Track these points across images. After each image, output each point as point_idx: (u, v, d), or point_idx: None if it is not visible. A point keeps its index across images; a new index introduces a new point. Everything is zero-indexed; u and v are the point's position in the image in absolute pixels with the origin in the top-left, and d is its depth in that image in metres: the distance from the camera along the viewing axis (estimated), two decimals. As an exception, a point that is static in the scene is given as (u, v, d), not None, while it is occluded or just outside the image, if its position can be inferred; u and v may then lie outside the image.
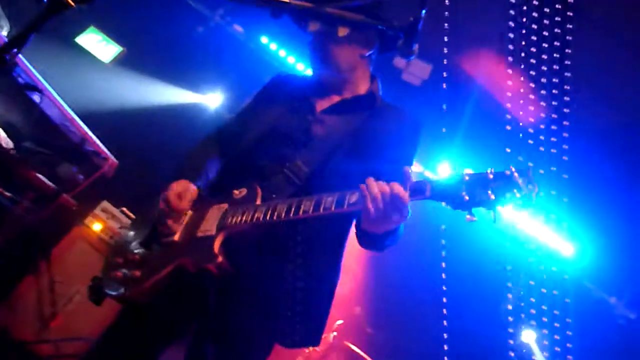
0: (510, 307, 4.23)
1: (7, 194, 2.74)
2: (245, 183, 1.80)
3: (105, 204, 4.05)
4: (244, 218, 1.68)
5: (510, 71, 4.13)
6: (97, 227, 3.97)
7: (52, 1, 1.25)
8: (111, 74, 5.08)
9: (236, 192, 1.78)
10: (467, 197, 1.42)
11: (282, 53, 5.27)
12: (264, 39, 5.25)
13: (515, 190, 1.39)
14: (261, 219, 1.65)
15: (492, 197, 1.40)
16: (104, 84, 4.89)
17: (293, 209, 1.61)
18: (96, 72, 4.99)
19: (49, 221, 3.29)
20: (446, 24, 3.91)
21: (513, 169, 1.40)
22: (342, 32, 1.92)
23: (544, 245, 4.75)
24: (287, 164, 1.84)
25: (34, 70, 2.36)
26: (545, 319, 4.31)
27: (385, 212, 1.50)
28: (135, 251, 1.81)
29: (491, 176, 1.42)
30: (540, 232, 4.75)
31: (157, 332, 1.74)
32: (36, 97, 2.45)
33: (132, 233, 1.95)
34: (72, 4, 1.26)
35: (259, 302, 1.70)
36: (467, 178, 1.44)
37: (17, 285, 3.46)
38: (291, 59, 5.29)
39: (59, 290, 3.66)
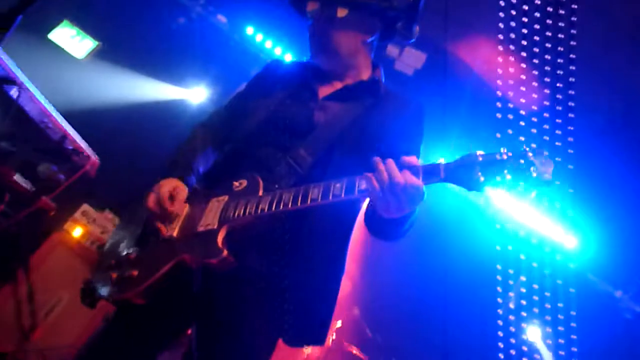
0: (512, 305, 4.29)
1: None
2: (245, 174, 1.80)
3: (85, 207, 4.05)
4: (247, 210, 1.68)
5: (511, 58, 4.20)
6: (77, 232, 3.96)
7: None
8: (88, 70, 5.06)
9: (236, 183, 1.78)
10: (482, 178, 1.45)
11: (268, 44, 5.28)
12: (249, 30, 5.26)
13: (532, 169, 1.42)
14: (266, 209, 1.65)
15: (509, 176, 1.43)
16: (81, 81, 4.88)
17: (300, 197, 1.61)
18: (71, 69, 4.97)
19: (27, 226, 3.27)
20: (444, 8, 3.96)
21: (527, 149, 1.44)
22: (342, 12, 1.94)
23: (547, 238, 4.82)
24: (289, 152, 1.85)
25: (10, 63, 2.37)
26: (548, 317, 4.38)
27: (399, 199, 1.51)
28: (131, 250, 1.82)
29: (505, 156, 1.44)
30: (542, 224, 4.82)
31: (152, 335, 1.73)
32: (14, 92, 2.45)
33: (123, 232, 1.95)
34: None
35: (262, 297, 1.70)
36: (480, 159, 1.47)
37: (-6, 295, 3.45)
38: (278, 50, 5.30)
39: (39, 299, 3.66)
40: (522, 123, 4.41)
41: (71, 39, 5.35)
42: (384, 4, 1.94)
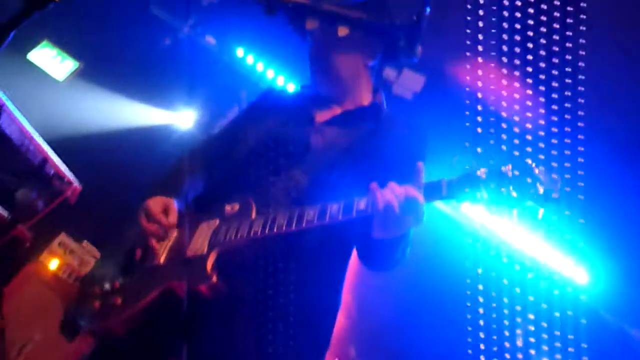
0: (520, 342, 4.31)
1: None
2: (237, 197, 1.84)
3: (63, 237, 4.05)
4: (239, 233, 1.71)
5: (516, 79, 4.30)
6: (53, 264, 3.96)
7: None
8: (68, 93, 5.14)
9: (228, 207, 1.82)
10: (485, 195, 1.50)
11: (259, 66, 5.40)
12: (239, 52, 5.38)
13: (538, 185, 1.46)
14: (259, 232, 1.69)
15: (514, 193, 1.47)
16: (60, 104, 4.95)
17: (295, 219, 1.65)
18: (51, 92, 5.05)
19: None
20: (442, 30, 4.08)
21: (533, 164, 1.50)
22: (342, 31, 2.03)
23: (556, 272, 4.87)
24: (284, 175, 1.89)
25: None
26: (559, 356, 4.39)
27: (399, 216, 1.56)
28: (114, 278, 1.85)
29: (510, 173, 1.50)
30: (551, 257, 4.87)
31: None
32: (-7, 111, 2.51)
33: (106, 260, 1.99)
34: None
35: (253, 328, 1.73)
36: (483, 176, 1.53)
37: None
38: (271, 73, 5.41)
39: (10, 336, 3.64)
40: (529, 149, 4.50)
41: (52, 59, 5.43)
42: (387, 22, 2.03)
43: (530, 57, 4.30)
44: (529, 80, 4.26)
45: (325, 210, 1.65)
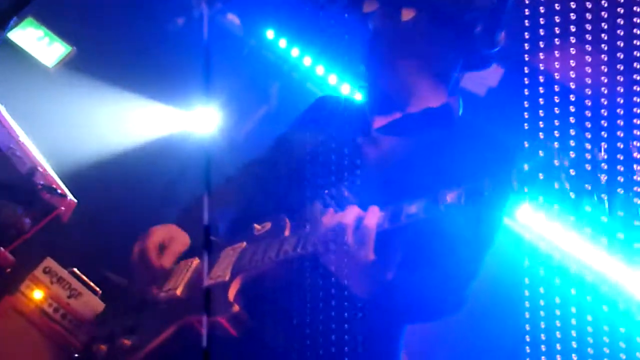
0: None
1: None
2: (270, 216, 1.89)
3: (49, 262, 4.12)
4: (267, 254, 1.79)
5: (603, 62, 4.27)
6: (37, 295, 4.04)
7: None
8: (57, 83, 5.21)
9: (258, 227, 1.88)
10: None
11: (294, 52, 5.41)
12: (269, 34, 5.41)
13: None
14: (290, 251, 1.75)
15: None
16: (47, 96, 5.02)
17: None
18: (37, 81, 5.13)
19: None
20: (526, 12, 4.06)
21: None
22: (407, 14, 2.04)
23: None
24: (327, 190, 1.98)
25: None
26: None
27: None
28: (125, 316, 1.91)
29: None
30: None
31: None
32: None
33: (115, 295, 2.06)
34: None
35: None
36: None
37: None
38: (307, 60, 5.42)
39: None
40: (620, 157, 4.44)
41: (37, 41, 5.52)
42: (462, 2, 2.03)
43: (620, 43, 4.26)
44: (620, 67, 4.21)
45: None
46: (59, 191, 3.18)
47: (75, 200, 3.38)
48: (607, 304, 4.62)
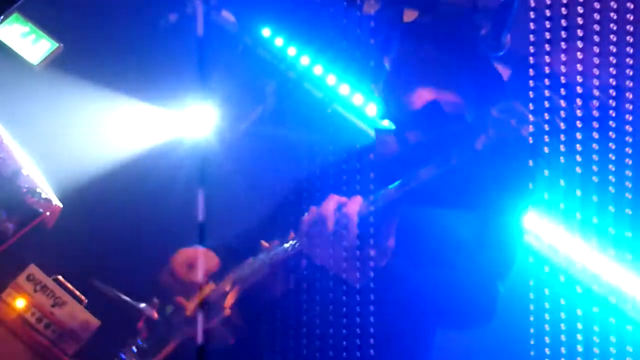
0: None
1: None
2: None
3: (33, 269, 4.13)
4: (263, 260, 1.95)
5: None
6: (19, 303, 4.05)
7: None
8: (42, 82, 5.22)
9: (265, 243, 1.90)
10: None
11: (291, 51, 5.42)
12: (265, 32, 5.43)
13: None
14: (281, 253, 1.96)
15: None
16: (34, 96, 5.04)
17: None
18: (23, 79, 5.14)
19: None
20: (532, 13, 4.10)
21: None
22: (409, 16, 2.08)
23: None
24: None
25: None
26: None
27: None
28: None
29: None
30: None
31: None
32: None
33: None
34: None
35: None
36: None
37: None
38: (305, 60, 5.44)
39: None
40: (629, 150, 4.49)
41: (22, 37, 5.53)
42: (467, 3, 2.06)
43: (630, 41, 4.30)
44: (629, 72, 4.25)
45: None
46: (44, 195, 3.19)
47: (61, 205, 3.39)
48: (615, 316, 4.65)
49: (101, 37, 5.36)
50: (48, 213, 3.24)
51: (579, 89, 4.50)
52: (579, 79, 4.54)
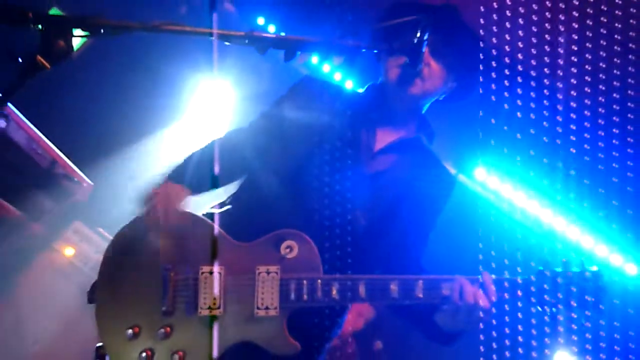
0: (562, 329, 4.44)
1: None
2: (290, 233, 1.90)
3: (78, 224, 4.29)
4: (316, 296, 1.83)
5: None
6: (69, 251, 4.22)
7: (27, 65, 1.50)
8: (79, 69, 5.24)
9: (285, 249, 1.87)
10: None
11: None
12: (260, 20, 5.42)
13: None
14: (338, 298, 1.84)
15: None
16: (70, 81, 5.06)
17: (379, 295, 1.86)
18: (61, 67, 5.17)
19: (17, 253, 3.57)
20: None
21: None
22: (337, 60, 2.05)
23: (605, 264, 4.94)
24: (338, 208, 2.00)
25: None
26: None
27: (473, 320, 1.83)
28: (161, 323, 1.87)
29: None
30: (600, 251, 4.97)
31: None
32: (1, 123, 2.74)
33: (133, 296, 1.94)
34: (48, 66, 1.52)
35: None
36: (559, 280, 1.85)
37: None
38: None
39: (27, 327, 3.94)
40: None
41: (62, 30, 5.56)
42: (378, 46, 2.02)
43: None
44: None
45: (411, 289, 1.85)
46: (76, 179, 3.35)
47: (92, 183, 3.54)
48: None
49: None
50: (81, 193, 3.39)
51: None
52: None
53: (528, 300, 1.87)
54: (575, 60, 4.21)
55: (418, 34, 1.76)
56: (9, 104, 2.81)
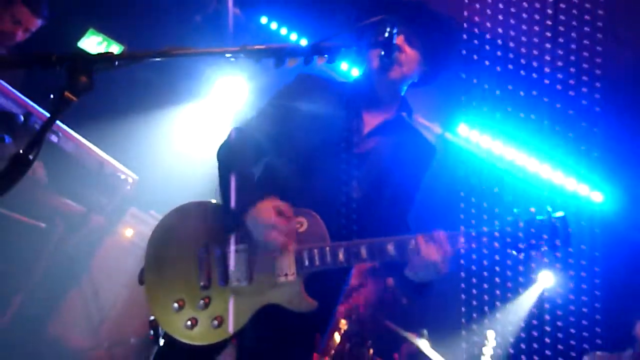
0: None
1: (42, 224, 3.12)
2: (301, 210, 1.91)
3: (134, 210, 4.40)
4: (326, 260, 1.87)
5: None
6: (128, 232, 4.33)
7: (59, 99, 1.48)
8: (117, 77, 5.25)
9: (297, 224, 1.89)
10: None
11: (283, 32, 5.35)
12: (263, 19, 5.33)
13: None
14: (344, 261, 1.88)
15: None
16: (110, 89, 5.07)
17: (377, 254, 1.88)
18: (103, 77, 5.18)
19: (84, 240, 3.65)
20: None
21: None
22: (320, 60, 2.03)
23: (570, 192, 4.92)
24: (344, 187, 2.02)
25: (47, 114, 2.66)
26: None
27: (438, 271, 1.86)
28: (202, 293, 1.91)
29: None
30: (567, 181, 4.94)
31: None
32: (53, 138, 2.77)
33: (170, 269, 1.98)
34: (75, 99, 1.51)
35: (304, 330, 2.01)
36: (521, 224, 1.85)
37: (65, 299, 3.87)
38: (294, 36, 5.38)
39: (103, 296, 4.08)
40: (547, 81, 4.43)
41: (98, 46, 5.58)
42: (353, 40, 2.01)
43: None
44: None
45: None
46: (122, 176, 3.37)
47: (137, 177, 3.57)
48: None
49: (152, 36, 5.30)
50: (128, 187, 3.42)
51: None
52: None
53: (504, 249, 1.90)
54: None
55: (387, 30, 1.85)
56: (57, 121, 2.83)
